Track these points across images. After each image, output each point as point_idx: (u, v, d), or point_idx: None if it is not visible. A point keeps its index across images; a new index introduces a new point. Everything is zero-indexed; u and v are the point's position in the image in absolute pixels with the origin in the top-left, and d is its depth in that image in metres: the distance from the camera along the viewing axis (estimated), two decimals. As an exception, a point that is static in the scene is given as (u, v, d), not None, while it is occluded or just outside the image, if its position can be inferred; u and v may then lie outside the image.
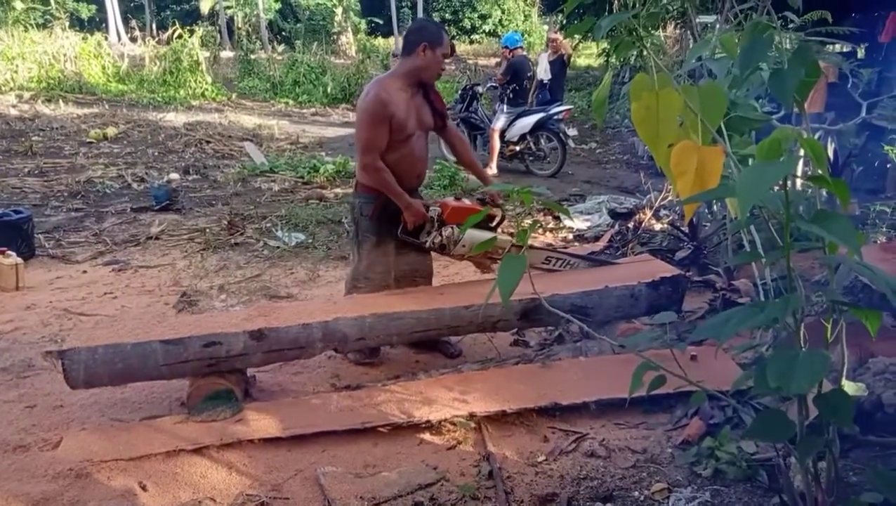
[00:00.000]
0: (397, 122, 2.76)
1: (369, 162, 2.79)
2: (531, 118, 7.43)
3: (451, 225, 2.86)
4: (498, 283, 1.70)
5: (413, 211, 2.84)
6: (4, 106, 11.37)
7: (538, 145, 7.58)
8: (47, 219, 5.29)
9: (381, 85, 2.82)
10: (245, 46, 17.80)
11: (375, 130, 2.75)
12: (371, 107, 2.75)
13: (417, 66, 2.81)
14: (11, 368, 2.98)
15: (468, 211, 2.89)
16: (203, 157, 8.13)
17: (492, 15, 31.45)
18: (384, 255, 2.98)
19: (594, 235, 4.96)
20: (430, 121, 2.97)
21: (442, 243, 2.87)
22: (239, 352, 2.54)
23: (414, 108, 2.85)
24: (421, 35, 2.81)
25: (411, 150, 2.88)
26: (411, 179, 2.93)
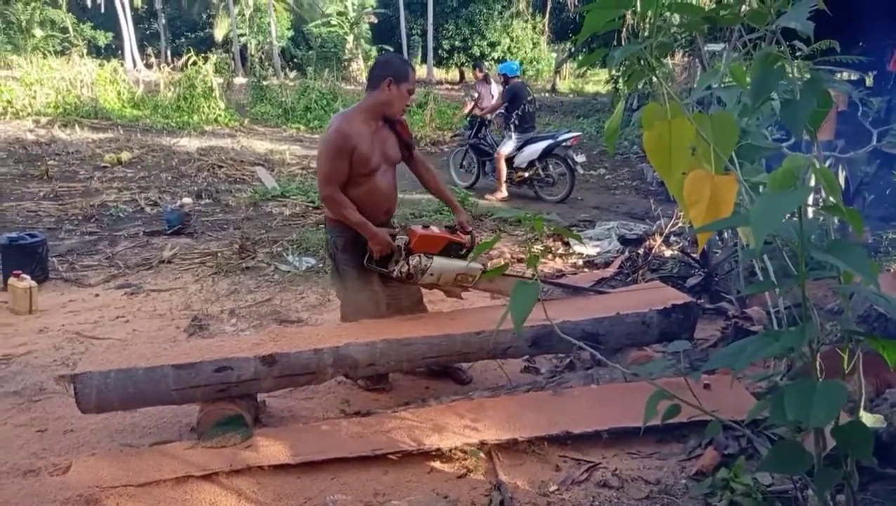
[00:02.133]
0: (359, 156, 2.75)
1: (329, 194, 2.77)
2: (540, 145, 7.50)
3: (419, 253, 2.83)
4: (510, 310, 1.70)
5: (378, 240, 2.81)
6: (22, 131, 11.59)
7: (547, 171, 7.65)
8: (61, 242, 5.35)
9: (345, 118, 2.82)
10: (258, 73, 18.11)
11: (335, 163, 2.74)
12: (332, 139, 2.74)
13: (382, 100, 2.81)
14: (23, 392, 2.99)
15: (435, 239, 2.88)
16: (215, 181, 8.21)
17: (501, 42, 31.84)
18: (368, 284, 2.95)
19: (604, 262, 4.95)
20: (397, 154, 2.95)
21: (409, 272, 2.83)
22: (250, 377, 2.54)
23: (378, 142, 2.84)
24: (386, 70, 2.80)
25: (377, 184, 2.86)
26: (378, 213, 2.90)
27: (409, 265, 2.82)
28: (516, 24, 30.16)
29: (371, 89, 2.83)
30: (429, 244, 2.85)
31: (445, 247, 2.89)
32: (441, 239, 2.89)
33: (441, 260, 2.85)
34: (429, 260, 2.82)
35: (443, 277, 2.88)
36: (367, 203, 2.83)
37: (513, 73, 7.81)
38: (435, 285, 2.95)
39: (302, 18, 34.59)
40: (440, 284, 2.93)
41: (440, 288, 3.01)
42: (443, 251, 2.88)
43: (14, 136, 11.00)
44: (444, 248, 2.89)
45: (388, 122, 2.90)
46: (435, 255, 2.85)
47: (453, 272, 2.89)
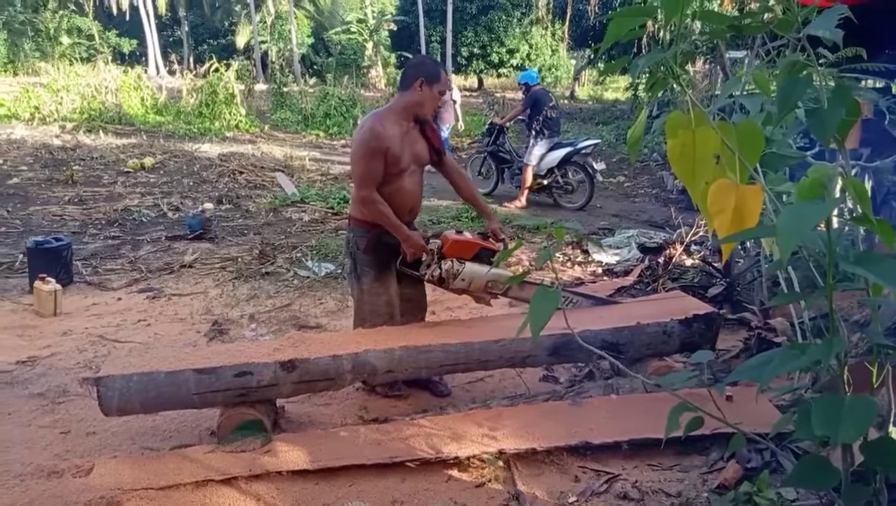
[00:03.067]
0: (392, 156, 2.77)
1: (366, 195, 2.78)
2: (559, 152, 7.47)
3: (451, 258, 2.85)
4: (529, 317, 1.69)
5: (412, 243, 2.83)
6: (48, 136, 11.81)
7: (566, 179, 7.63)
8: (85, 246, 5.43)
9: (377, 118, 2.83)
10: (278, 80, 18.30)
11: (370, 163, 2.75)
12: (366, 140, 2.76)
13: (414, 101, 2.82)
14: (47, 394, 3.03)
15: (468, 245, 2.89)
16: (236, 187, 8.30)
17: (519, 49, 31.84)
18: (386, 287, 2.96)
19: (623, 270, 4.91)
20: (426, 156, 2.97)
21: (441, 277, 2.85)
22: (269, 382, 2.55)
23: (409, 143, 2.85)
24: (419, 70, 2.82)
25: (405, 184, 2.88)
26: (403, 213, 2.91)
27: (442, 269, 2.84)
28: (535, 31, 30.16)
29: (403, 90, 2.85)
30: (461, 250, 2.87)
31: (477, 253, 2.91)
32: (474, 245, 2.91)
33: (473, 266, 2.86)
34: (461, 265, 2.84)
35: (474, 282, 2.89)
36: (392, 202, 2.84)
37: (533, 81, 7.81)
38: (465, 291, 2.97)
39: (322, 26, 34.92)
40: (471, 289, 2.94)
41: (470, 294, 3.02)
42: (475, 257, 2.90)
43: (41, 141, 11.21)
44: (477, 254, 2.91)
45: (419, 125, 2.92)
46: (467, 260, 2.87)
47: (484, 279, 2.90)
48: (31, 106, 14.43)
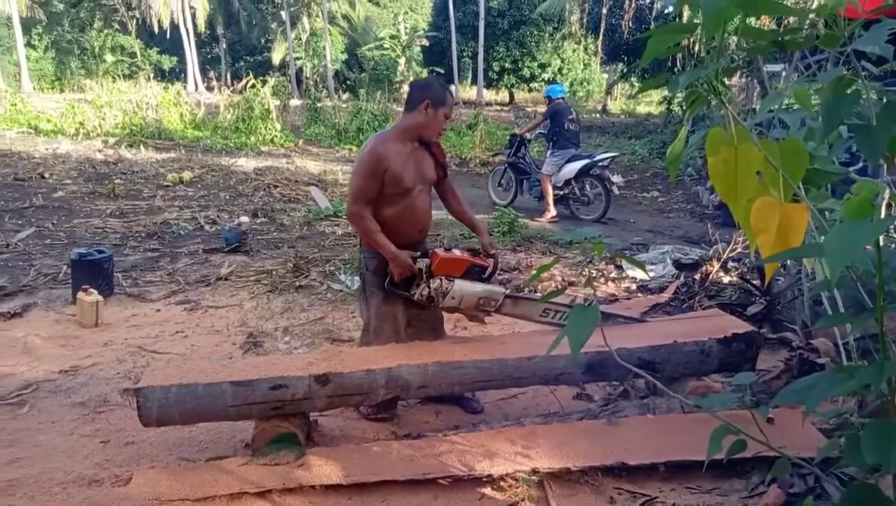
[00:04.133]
0: (393, 176, 2.76)
1: (355, 211, 2.79)
2: (576, 164, 7.57)
3: (440, 276, 2.80)
4: (567, 335, 1.67)
5: (399, 262, 2.80)
6: (92, 150, 12.19)
7: (583, 191, 7.75)
8: (126, 258, 5.57)
9: (380, 139, 2.85)
10: (312, 95, 18.60)
11: (366, 182, 2.76)
12: (365, 159, 2.78)
13: (418, 122, 2.83)
14: (88, 403, 3.10)
15: (457, 262, 2.84)
16: (271, 200, 8.44)
17: (551, 64, 31.85)
18: (392, 310, 2.94)
19: (658, 287, 4.83)
20: (433, 174, 2.95)
21: (430, 296, 2.80)
22: (304, 396, 2.57)
23: (413, 162, 2.84)
24: (425, 93, 2.82)
25: (412, 203, 2.87)
26: (412, 232, 2.91)
27: (430, 288, 2.79)
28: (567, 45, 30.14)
29: (409, 111, 2.86)
30: (450, 267, 2.82)
31: (467, 270, 2.86)
32: (462, 262, 2.85)
33: (462, 283, 2.81)
34: (450, 283, 2.79)
35: (464, 300, 2.83)
36: (402, 222, 2.85)
37: (556, 95, 7.94)
38: (456, 309, 2.90)
39: (356, 42, 35.48)
40: (462, 307, 2.88)
41: (462, 312, 2.96)
42: (465, 274, 2.85)
43: (84, 155, 11.58)
44: (466, 270, 2.85)
45: (424, 144, 2.92)
46: (456, 278, 2.82)
47: (475, 296, 2.85)
48: (76, 121, 14.95)
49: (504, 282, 5.13)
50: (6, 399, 3.11)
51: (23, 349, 3.71)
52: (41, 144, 12.78)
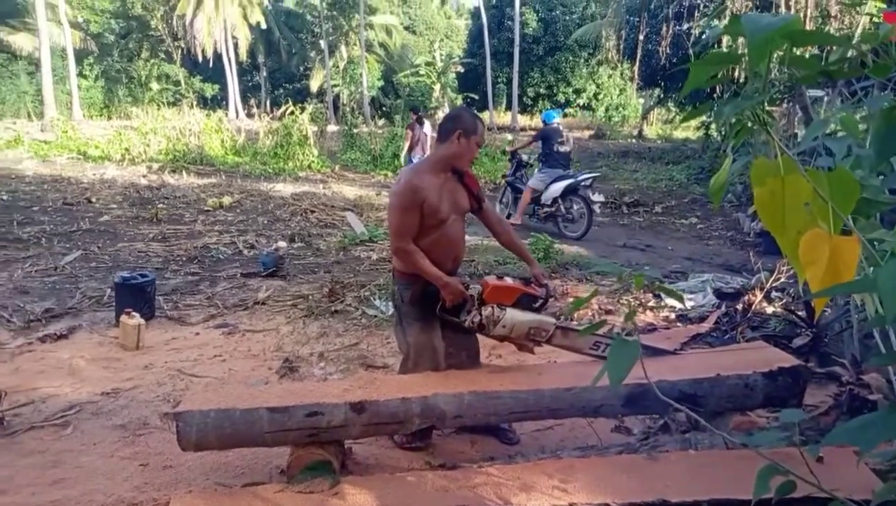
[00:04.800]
0: (429, 207, 2.78)
1: (401, 246, 2.81)
2: (561, 184, 8.08)
3: (492, 304, 2.78)
4: (608, 367, 1.64)
5: (451, 289, 2.80)
6: (136, 176, 12.61)
7: (569, 209, 8.25)
8: (167, 282, 5.70)
9: (414, 171, 2.87)
10: (349, 121, 18.97)
11: (405, 216, 2.78)
12: (402, 192, 2.79)
13: (452, 152, 2.84)
14: (129, 426, 3.16)
15: (509, 290, 2.82)
16: (307, 225, 8.56)
17: (586, 89, 31.92)
18: (430, 340, 2.93)
19: (699, 316, 4.72)
20: (466, 204, 2.96)
21: (481, 323, 2.79)
22: (339, 423, 2.56)
23: (447, 193, 2.86)
24: (456, 123, 2.84)
25: (446, 233, 2.87)
26: (447, 262, 2.90)
27: (482, 315, 2.78)
28: (602, 70, 30.16)
29: (441, 142, 2.88)
30: (502, 295, 2.80)
31: (519, 299, 2.84)
32: (515, 290, 2.84)
33: (514, 312, 2.79)
34: (501, 311, 2.78)
35: (515, 329, 2.81)
36: (435, 252, 2.85)
37: (549, 120, 8.65)
38: (507, 338, 2.88)
39: (392, 69, 36.15)
40: (512, 336, 2.86)
41: (512, 341, 2.93)
42: (516, 303, 2.83)
43: (129, 180, 11.98)
44: (518, 300, 2.84)
45: (457, 174, 2.94)
46: (508, 306, 2.80)
47: (526, 325, 2.82)
48: (122, 148, 15.50)
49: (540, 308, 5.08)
50: (51, 420, 3.19)
51: (68, 371, 3.81)
52: (89, 170, 13.28)
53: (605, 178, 15.33)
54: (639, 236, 8.45)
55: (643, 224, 9.58)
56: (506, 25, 31.02)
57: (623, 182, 14.11)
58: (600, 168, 16.97)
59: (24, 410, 3.29)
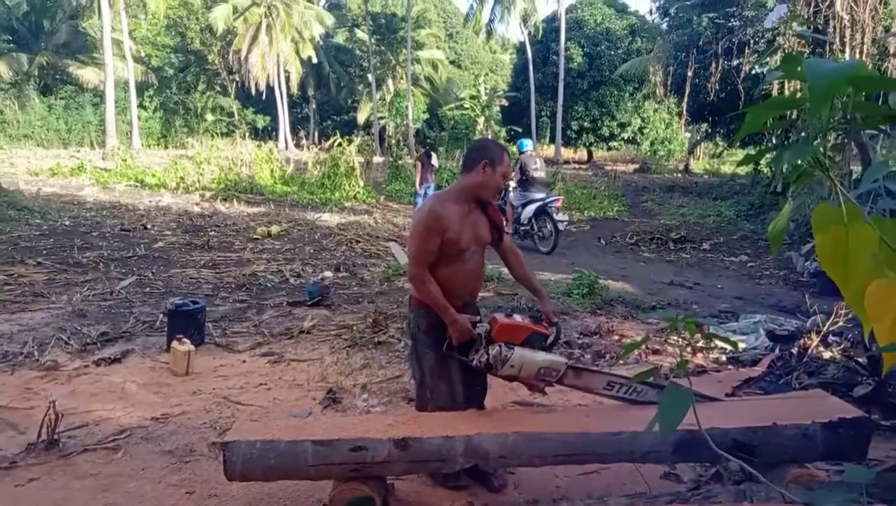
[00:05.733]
0: (450, 236, 2.75)
1: (417, 273, 2.78)
2: (533, 206, 9.46)
3: (500, 343, 2.71)
4: (659, 414, 1.60)
5: (458, 327, 2.75)
6: (190, 204, 13.05)
7: (541, 228, 9.58)
8: (216, 309, 5.83)
9: (438, 199, 2.86)
10: (394, 153, 19.29)
11: (425, 243, 2.76)
12: (424, 219, 2.78)
13: (477, 182, 2.83)
14: (176, 452, 3.21)
15: (517, 328, 2.75)
16: (352, 255, 8.68)
17: (631, 123, 31.75)
18: (447, 370, 2.88)
19: (751, 359, 4.57)
20: (487, 236, 2.94)
21: (489, 362, 2.71)
22: (383, 459, 2.55)
23: (469, 223, 2.84)
24: (482, 153, 2.83)
25: (464, 264, 2.84)
26: (464, 293, 2.87)
27: (489, 355, 2.71)
28: (648, 105, 30.00)
29: (466, 172, 2.88)
30: (510, 334, 2.74)
31: (528, 337, 2.77)
32: (523, 329, 2.77)
33: (523, 351, 2.72)
34: (510, 350, 2.71)
35: (524, 369, 2.73)
36: (453, 283, 2.82)
37: (522, 149, 10.01)
38: (516, 378, 2.81)
39: (437, 102, 36.75)
40: (521, 376, 2.78)
41: (521, 381, 2.85)
42: (525, 342, 2.76)
43: (183, 208, 12.40)
44: (527, 338, 2.77)
45: (480, 205, 2.93)
46: (517, 345, 2.74)
47: (535, 365, 2.75)
48: (177, 176, 16.10)
49: (584, 346, 5.00)
50: (104, 443, 3.27)
51: (120, 394, 3.91)
52: (146, 197, 13.81)
53: (650, 212, 15.16)
54: (686, 274, 8.28)
55: (690, 261, 9.39)
56: (551, 60, 31.26)
57: (669, 217, 13.90)
58: (645, 203, 16.78)
59: (79, 432, 3.39)
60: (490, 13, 32.66)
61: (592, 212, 14.77)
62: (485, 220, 2.94)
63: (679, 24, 16.07)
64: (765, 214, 12.61)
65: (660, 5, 18.06)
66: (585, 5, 33.02)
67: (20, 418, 3.52)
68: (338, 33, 39.04)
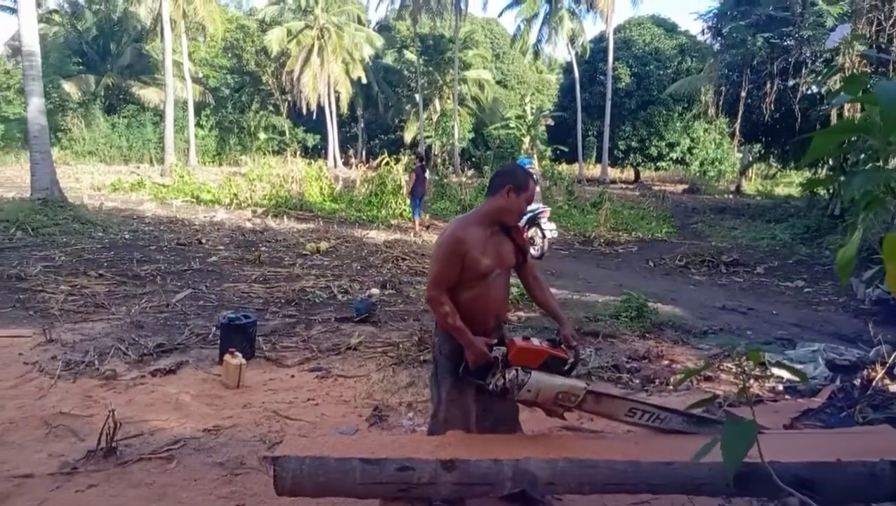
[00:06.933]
0: (472, 260, 2.73)
1: (434, 295, 2.75)
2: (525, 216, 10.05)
3: (516, 367, 2.65)
4: (723, 449, 1.56)
5: (474, 349, 2.70)
6: (242, 219, 13.42)
7: (532, 237, 10.19)
8: (266, 323, 5.95)
9: (460, 223, 2.84)
10: (440, 172, 19.46)
11: (445, 265, 2.73)
12: (445, 242, 2.76)
13: (499, 206, 2.80)
14: (227, 464, 3.28)
15: (535, 352, 2.68)
16: (398, 273, 8.75)
17: (680, 143, 31.25)
18: (463, 397, 2.83)
19: (810, 390, 4.38)
20: (512, 259, 2.90)
21: (505, 386, 2.65)
22: (429, 480, 2.54)
23: (493, 246, 2.81)
24: (507, 178, 2.81)
25: (489, 288, 2.80)
26: (488, 318, 2.82)
27: (506, 379, 2.66)
28: (698, 124, 29.50)
29: (490, 195, 2.86)
30: (527, 358, 2.68)
31: (546, 361, 2.71)
32: (541, 353, 2.70)
33: (540, 376, 2.66)
34: (526, 375, 2.64)
35: (541, 394, 2.67)
36: (477, 307, 2.79)
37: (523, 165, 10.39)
38: (533, 403, 2.75)
39: (482, 121, 36.95)
40: (538, 401, 2.72)
41: (539, 406, 2.79)
42: (543, 366, 2.70)
43: (236, 223, 12.76)
44: (545, 362, 2.70)
45: (505, 229, 2.90)
46: (534, 369, 2.67)
47: (553, 390, 2.68)
48: (230, 192, 16.60)
49: (633, 370, 4.90)
50: (158, 453, 3.36)
51: (174, 405, 4.02)
52: (201, 213, 14.27)
53: (700, 234, 14.81)
54: (739, 298, 8.03)
55: (743, 285, 9.12)
56: (598, 80, 31.13)
57: (720, 239, 13.55)
58: (695, 224, 16.42)
59: (135, 441, 3.49)
60: (537, 34, 32.83)
61: (640, 233, 14.53)
62: (509, 243, 2.92)
63: (732, 44, 15.79)
64: (822, 238, 12.17)
65: (712, 25, 17.80)
66: (634, 25, 32.84)
67: (81, 425, 3.66)
68: (387, 54, 39.81)
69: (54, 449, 3.37)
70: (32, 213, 10.95)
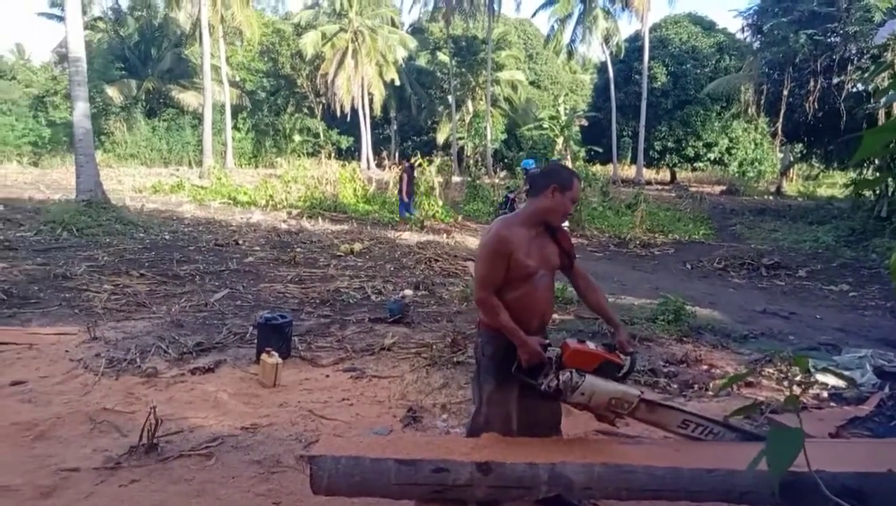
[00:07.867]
0: (517, 261, 2.69)
1: (483, 297, 2.73)
2: None
3: (571, 369, 2.61)
4: (768, 457, 1.52)
5: (528, 349, 2.67)
6: (278, 221, 13.61)
7: None
8: (302, 323, 6.02)
9: (505, 223, 2.80)
10: (472, 173, 19.44)
11: (492, 266, 2.70)
12: (491, 243, 2.73)
13: (545, 206, 2.76)
14: (264, 462, 3.32)
15: (590, 356, 2.65)
16: (431, 274, 8.77)
17: (718, 143, 30.65)
18: (504, 401, 2.79)
19: (856, 397, 4.24)
20: (556, 260, 2.85)
21: (558, 388, 2.61)
22: (464, 482, 2.53)
23: (537, 247, 2.77)
24: (552, 178, 2.77)
25: (534, 289, 2.76)
26: (533, 319, 2.78)
27: (559, 380, 2.63)
28: (737, 124, 28.89)
29: (534, 196, 2.83)
30: (582, 361, 2.64)
31: (601, 366, 2.67)
32: (596, 356, 2.67)
33: (594, 379, 2.62)
34: (580, 378, 2.61)
35: (594, 398, 2.63)
36: (522, 308, 2.75)
37: (529, 167, 11.53)
38: (585, 407, 2.71)
39: (515, 122, 36.83)
40: (591, 405, 2.68)
41: (590, 410, 2.75)
42: (597, 370, 2.66)
43: (272, 225, 12.95)
44: (599, 366, 2.67)
45: (549, 230, 2.87)
46: (588, 373, 2.64)
47: (607, 395, 2.64)
48: (266, 194, 16.87)
49: (670, 374, 4.81)
50: (197, 450, 3.42)
51: (213, 403, 4.09)
52: (238, 214, 14.53)
53: (739, 236, 14.49)
54: (780, 302, 7.83)
55: (785, 289, 8.88)
56: (633, 79, 30.71)
57: (760, 242, 13.24)
58: (734, 226, 16.08)
59: (175, 437, 3.56)
60: (571, 34, 32.57)
61: (677, 234, 14.28)
62: (553, 244, 2.89)
63: (773, 42, 15.41)
64: (868, 241, 11.79)
65: (751, 23, 17.41)
66: (670, 24, 32.33)
67: (124, 421, 3.75)
68: (420, 56, 39.98)
69: (98, 444, 3.46)
70: (77, 214, 11.29)
